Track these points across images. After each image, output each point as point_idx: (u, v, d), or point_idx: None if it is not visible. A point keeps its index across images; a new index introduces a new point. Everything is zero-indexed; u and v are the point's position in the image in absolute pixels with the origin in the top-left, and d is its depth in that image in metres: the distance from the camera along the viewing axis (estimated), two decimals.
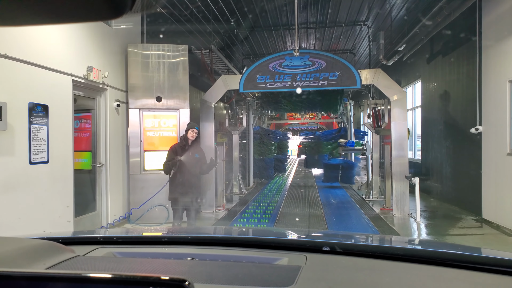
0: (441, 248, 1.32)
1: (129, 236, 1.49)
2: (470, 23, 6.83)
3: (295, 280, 0.87)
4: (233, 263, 1.07)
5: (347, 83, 7.40)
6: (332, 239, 1.41)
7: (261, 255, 1.13)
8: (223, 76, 7.73)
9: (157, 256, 1.16)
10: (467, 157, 7.39)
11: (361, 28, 9.88)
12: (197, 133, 5.05)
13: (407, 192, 7.21)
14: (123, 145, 6.62)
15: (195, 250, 1.21)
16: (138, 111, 6.60)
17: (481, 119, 6.61)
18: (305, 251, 1.13)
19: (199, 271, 0.96)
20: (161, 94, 6.62)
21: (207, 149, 7.62)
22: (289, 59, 7.50)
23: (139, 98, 6.62)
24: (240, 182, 10.65)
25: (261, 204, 9.25)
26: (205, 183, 7.67)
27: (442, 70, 8.55)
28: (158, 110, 6.66)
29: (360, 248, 1.19)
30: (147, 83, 6.61)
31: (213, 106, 7.84)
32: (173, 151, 5.07)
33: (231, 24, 9.08)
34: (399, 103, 7.26)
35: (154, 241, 1.33)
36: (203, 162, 5.21)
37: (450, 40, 8.04)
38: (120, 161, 6.52)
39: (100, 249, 1.17)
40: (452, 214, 7.38)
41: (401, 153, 7.23)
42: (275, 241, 1.25)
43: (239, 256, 1.14)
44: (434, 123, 9.20)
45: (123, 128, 6.60)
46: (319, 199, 9.70)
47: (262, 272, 0.96)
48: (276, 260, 1.07)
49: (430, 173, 9.53)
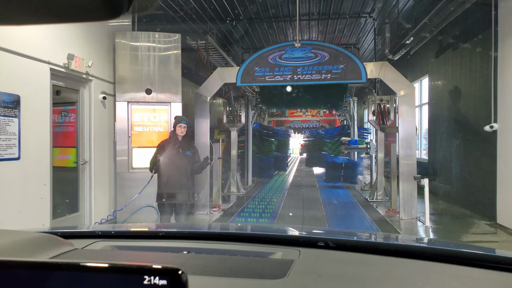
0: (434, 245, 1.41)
1: (127, 230, 1.51)
2: (485, 12, 6.33)
3: (287, 273, 0.90)
4: (228, 257, 1.10)
5: (351, 76, 6.91)
6: (326, 235, 1.44)
7: (256, 250, 1.15)
8: (219, 68, 7.25)
9: (154, 249, 1.18)
10: (479, 157, 6.89)
11: (366, 20, 9.38)
12: (186, 127, 4.62)
13: (415, 194, 6.73)
14: (110, 141, 6.16)
15: (192, 244, 1.23)
16: (126, 104, 6.14)
17: (496, 117, 6.11)
18: (299, 245, 1.15)
19: (195, 263, 0.99)
20: (151, 86, 6.16)
21: (202, 147, 7.17)
22: (290, 50, 7.02)
23: (127, 91, 6.15)
24: (238, 181, 10.18)
25: (259, 205, 8.81)
26: (199, 183, 7.23)
27: (452, 65, 8.05)
28: (148, 103, 6.20)
29: (352, 243, 1.23)
30: (136, 75, 6.14)
31: (209, 101, 7.37)
32: (160, 148, 4.65)
33: (229, 14, 8.60)
34: (407, 99, 6.77)
35: (151, 236, 1.36)
36: (196, 160, 4.77)
37: (462, 32, 7.53)
38: (106, 158, 6.06)
39: (98, 242, 1.18)
40: (463, 217, 6.89)
41: (409, 152, 6.74)
42: (270, 236, 1.28)
43: (235, 250, 1.16)
44: (443, 120, 8.70)
45: (110, 122, 6.14)
46: (321, 199, 9.23)
47: (256, 265, 1.00)
48: (270, 254, 1.10)
49: (438, 173, 9.04)
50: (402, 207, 6.80)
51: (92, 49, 5.57)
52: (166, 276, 0.50)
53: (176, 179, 4.57)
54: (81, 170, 5.59)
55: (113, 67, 6.13)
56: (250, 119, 11.43)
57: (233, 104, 9.74)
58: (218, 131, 10.59)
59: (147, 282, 0.50)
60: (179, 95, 6.25)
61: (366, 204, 8.68)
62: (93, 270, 0.53)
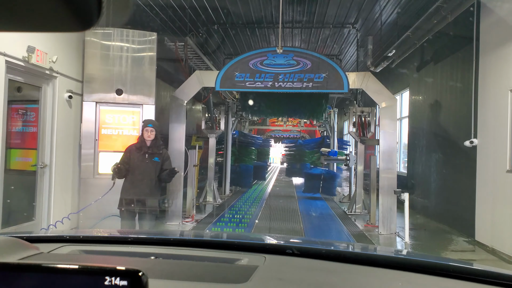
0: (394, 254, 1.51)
1: (95, 235, 1.51)
2: (467, 27, 6.31)
3: (250, 278, 0.92)
4: (195, 262, 1.12)
5: (333, 86, 6.75)
6: (292, 243, 1.48)
7: (223, 256, 1.18)
8: (198, 72, 6.95)
9: (122, 254, 1.18)
10: (459, 172, 6.82)
11: (349, 31, 9.32)
12: (153, 131, 4.28)
13: (395, 209, 6.57)
14: (75, 143, 5.73)
15: (160, 250, 1.23)
16: (94, 105, 5.74)
17: (476, 132, 6.05)
18: (265, 252, 1.18)
19: (161, 268, 1.00)
20: (122, 86, 5.79)
21: (176, 154, 6.81)
22: (272, 56, 6.81)
23: (96, 90, 5.76)
24: (214, 190, 9.82)
25: (235, 215, 8.49)
26: (172, 191, 6.85)
27: (434, 79, 8.03)
28: (118, 104, 5.82)
29: (315, 251, 1.26)
30: (107, 74, 5.77)
31: (185, 105, 7.03)
32: (126, 153, 4.31)
33: (211, 18, 8.34)
34: (389, 111, 6.65)
35: (119, 241, 1.36)
36: (166, 167, 4.42)
37: (443, 46, 7.53)
38: (69, 162, 5.62)
39: (65, 247, 1.17)
40: (442, 233, 6.78)
41: (390, 165, 6.60)
42: (237, 243, 1.31)
43: (202, 256, 1.18)
44: (423, 134, 8.66)
45: (75, 124, 5.72)
46: (299, 211, 8.99)
47: (221, 270, 1.03)
48: (237, 260, 1.12)
49: (416, 187, 8.97)
50: (382, 222, 6.62)
51: (58, 44, 5.17)
52: (127, 278, 0.51)
53: (140, 186, 4.23)
54: (40, 175, 5.14)
55: (81, 64, 5.73)
56: (230, 126, 11.13)
57: (212, 110, 9.42)
58: (196, 137, 10.23)
59: (108, 283, 0.50)
60: (153, 97, 5.90)
61: (345, 217, 8.49)
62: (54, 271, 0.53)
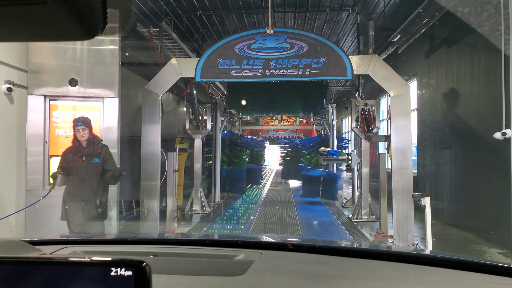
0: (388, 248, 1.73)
1: (95, 238, 1.53)
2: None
3: (247, 271, 0.97)
4: (193, 259, 1.14)
5: (334, 72, 5.71)
6: (286, 239, 1.48)
7: (221, 253, 1.21)
8: (174, 59, 5.88)
9: (122, 254, 1.21)
10: (486, 170, 5.79)
11: (348, 15, 8.31)
12: (86, 129, 3.68)
13: (412, 215, 5.54)
14: (19, 147, 4.62)
15: (159, 248, 1.26)
16: (43, 99, 4.66)
17: (509, 122, 5.02)
18: (261, 249, 1.21)
19: (161, 264, 1.04)
20: (77, 76, 4.71)
21: (150, 157, 5.75)
22: (261, 39, 5.76)
23: (44, 82, 4.69)
24: (202, 198, 8.73)
25: (225, 226, 7.45)
26: (148, 201, 5.79)
27: (448, 64, 7.02)
28: (73, 98, 4.75)
29: (309, 246, 1.29)
30: (58, 61, 4.70)
31: (161, 99, 5.96)
32: (63, 157, 3.70)
33: (192, 3, 7.29)
34: (400, 100, 5.62)
35: (119, 241, 1.41)
36: (109, 168, 3.77)
37: (460, 24, 6.51)
38: (12, 170, 4.52)
39: (67, 248, 1.21)
40: (468, 244, 5.75)
41: (404, 164, 5.56)
42: (234, 241, 1.33)
43: (201, 253, 1.21)
44: (436, 129, 7.64)
45: (19, 123, 4.61)
46: (297, 219, 7.92)
47: (219, 265, 1.08)
48: (234, 256, 1.14)
49: (430, 189, 7.94)
50: (396, 231, 5.58)
51: None
52: (131, 268, 0.53)
53: (81, 192, 3.66)
54: None
55: (26, 49, 4.64)
56: (219, 125, 10.06)
57: (197, 107, 8.34)
58: (180, 138, 9.14)
59: (114, 273, 0.53)
60: (116, 89, 4.82)
61: (350, 225, 7.45)
62: (62, 264, 0.56)
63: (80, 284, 0.54)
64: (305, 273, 0.99)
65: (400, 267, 1.07)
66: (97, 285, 0.54)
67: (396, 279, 0.98)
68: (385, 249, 1.41)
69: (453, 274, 1.01)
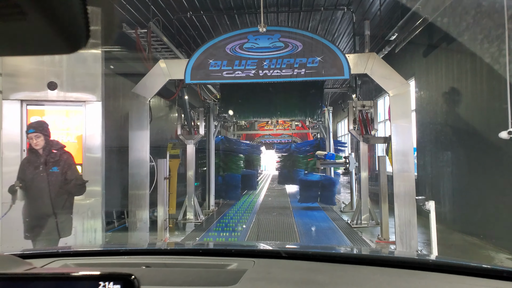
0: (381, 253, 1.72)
1: (86, 250, 1.53)
2: None
3: (239, 280, 0.96)
4: (186, 269, 1.15)
5: (331, 72, 5.45)
6: (280, 246, 1.51)
7: (214, 262, 1.20)
8: (162, 61, 5.60)
9: (114, 266, 1.20)
10: (491, 171, 5.54)
11: (344, 14, 8.09)
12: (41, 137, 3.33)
13: (415, 221, 5.26)
14: None
15: (152, 259, 1.25)
16: (20, 104, 4.35)
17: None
18: (254, 257, 1.20)
19: (153, 275, 1.03)
20: (56, 79, 4.40)
21: (138, 164, 5.45)
22: (254, 38, 5.50)
23: (21, 85, 4.38)
24: (196, 205, 8.41)
25: (219, 235, 7.12)
26: (135, 212, 5.47)
27: (448, 63, 6.80)
28: (53, 103, 4.44)
29: (303, 253, 1.30)
30: (35, 63, 4.39)
31: (149, 103, 5.66)
32: (20, 169, 3.41)
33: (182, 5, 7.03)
34: (401, 100, 5.37)
35: (111, 253, 1.37)
36: (70, 177, 3.43)
37: (460, 20, 6.29)
38: None
39: (58, 261, 1.20)
40: (474, 249, 5.47)
41: (406, 167, 5.29)
42: (227, 250, 1.34)
43: (193, 263, 1.21)
44: (436, 130, 7.40)
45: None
46: (295, 226, 7.62)
47: (211, 275, 1.06)
48: (227, 265, 1.14)
49: (430, 192, 7.69)
50: (399, 238, 5.30)
51: None
52: (119, 281, 0.54)
53: (41, 206, 3.30)
54: None
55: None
56: (212, 130, 9.76)
57: (189, 111, 8.04)
58: (172, 144, 8.83)
59: (102, 287, 0.53)
60: (99, 92, 4.51)
61: (349, 230, 7.16)
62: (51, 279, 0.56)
63: None
64: (298, 281, 0.99)
65: (392, 272, 1.08)
66: None
67: (388, 285, 0.99)
68: (377, 254, 1.41)
69: (445, 279, 1.01)
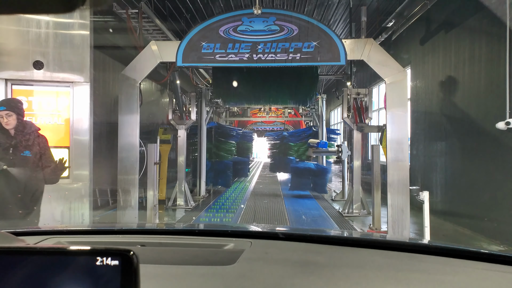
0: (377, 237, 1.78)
1: (81, 229, 1.53)
2: None
3: (237, 260, 0.95)
4: (182, 248, 1.13)
5: (327, 57, 5.32)
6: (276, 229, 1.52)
7: (211, 242, 1.19)
8: (153, 42, 5.39)
9: (109, 244, 1.18)
10: (485, 163, 5.52)
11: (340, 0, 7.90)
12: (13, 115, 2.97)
13: (408, 210, 5.23)
14: None
15: (146, 238, 1.24)
16: (4, 84, 4.14)
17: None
18: (251, 238, 1.19)
19: (148, 254, 1.01)
20: (42, 58, 4.19)
21: (127, 149, 5.29)
22: (248, 21, 5.31)
23: (6, 64, 4.16)
24: (186, 191, 8.30)
25: (210, 222, 7.02)
26: (125, 196, 5.34)
27: (445, 51, 6.70)
28: (39, 83, 4.24)
29: (300, 235, 1.29)
30: (20, 40, 4.17)
31: (139, 85, 5.48)
32: None
33: None
34: (397, 87, 5.27)
35: (106, 231, 1.35)
36: (46, 164, 3.12)
37: (459, 8, 6.18)
38: None
39: (51, 239, 1.19)
40: (465, 239, 5.48)
41: (400, 156, 5.23)
42: (223, 230, 1.36)
43: (190, 243, 1.19)
44: (431, 119, 7.35)
45: None
46: (286, 214, 7.57)
47: (208, 255, 1.05)
48: (224, 245, 1.12)
49: (422, 181, 7.68)
50: (391, 227, 5.27)
51: None
52: (117, 257, 0.52)
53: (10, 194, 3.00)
54: None
55: None
56: (204, 116, 9.59)
57: (180, 95, 7.85)
58: (163, 129, 8.66)
59: (100, 263, 0.52)
60: (87, 73, 4.31)
61: (341, 219, 7.15)
62: (46, 253, 0.55)
63: (65, 274, 0.53)
64: (296, 261, 0.99)
65: (391, 255, 1.08)
66: (82, 275, 0.53)
67: (389, 267, 0.98)
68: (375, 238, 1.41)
69: (445, 262, 1.02)
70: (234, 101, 9.74)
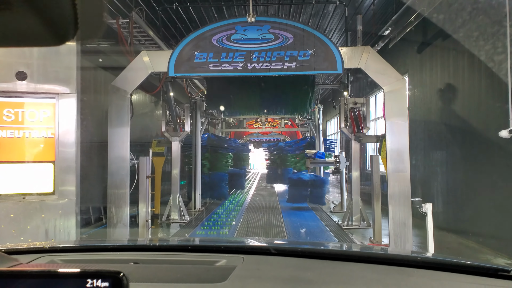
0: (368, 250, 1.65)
1: (74, 245, 1.51)
2: None
3: (228, 277, 0.95)
4: (175, 266, 1.13)
5: (323, 66, 5.17)
6: (269, 243, 1.55)
7: (203, 259, 1.19)
8: (144, 52, 5.23)
9: (102, 262, 1.19)
10: (489, 172, 5.34)
11: (336, 7, 7.83)
12: None
13: (410, 223, 5.04)
14: None
15: (139, 255, 1.24)
16: None
17: None
18: (244, 253, 1.20)
19: (141, 272, 1.03)
20: (26, 68, 4.01)
21: (118, 163, 5.09)
22: (242, 29, 5.18)
23: None
24: (180, 205, 8.06)
25: (205, 237, 6.76)
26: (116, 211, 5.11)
27: (443, 58, 6.59)
28: (22, 95, 4.04)
29: (292, 249, 1.30)
30: (2, 50, 3.98)
31: (130, 97, 5.29)
32: None
33: None
34: (396, 96, 5.12)
35: (99, 249, 1.36)
36: None
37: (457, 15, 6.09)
38: None
39: (45, 257, 1.18)
40: (471, 252, 5.27)
41: (401, 166, 5.05)
42: (216, 246, 1.32)
43: (182, 260, 1.19)
44: (430, 128, 7.20)
45: None
46: (284, 227, 7.34)
47: (200, 272, 1.05)
48: (216, 262, 1.13)
49: (422, 192, 7.49)
50: (393, 240, 5.07)
51: None
52: (107, 279, 0.53)
53: None
54: None
55: None
56: (199, 127, 9.41)
57: (174, 106, 7.68)
58: (156, 142, 8.45)
59: (90, 285, 0.52)
60: (73, 84, 4.13)
61: (340, 232, 6.92)
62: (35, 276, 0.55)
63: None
64: (286, 278, 1.00)
65: (380, 269, 1.08)
66: None
67: (377, 282, 0.99)
68: (367, 251, 1.41)
69: (433, 276, 1.01)
70: (229, 112, 9.57)
